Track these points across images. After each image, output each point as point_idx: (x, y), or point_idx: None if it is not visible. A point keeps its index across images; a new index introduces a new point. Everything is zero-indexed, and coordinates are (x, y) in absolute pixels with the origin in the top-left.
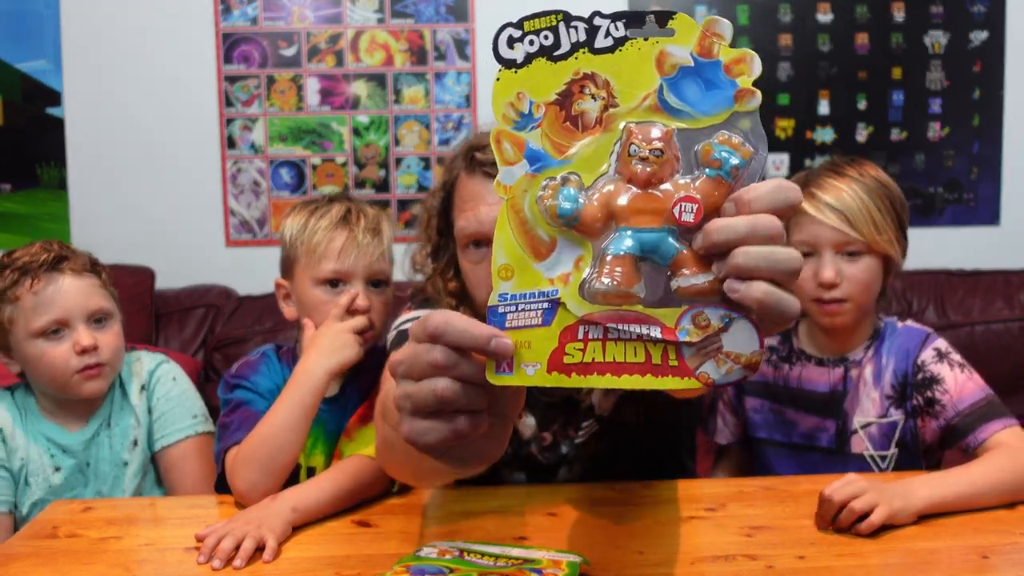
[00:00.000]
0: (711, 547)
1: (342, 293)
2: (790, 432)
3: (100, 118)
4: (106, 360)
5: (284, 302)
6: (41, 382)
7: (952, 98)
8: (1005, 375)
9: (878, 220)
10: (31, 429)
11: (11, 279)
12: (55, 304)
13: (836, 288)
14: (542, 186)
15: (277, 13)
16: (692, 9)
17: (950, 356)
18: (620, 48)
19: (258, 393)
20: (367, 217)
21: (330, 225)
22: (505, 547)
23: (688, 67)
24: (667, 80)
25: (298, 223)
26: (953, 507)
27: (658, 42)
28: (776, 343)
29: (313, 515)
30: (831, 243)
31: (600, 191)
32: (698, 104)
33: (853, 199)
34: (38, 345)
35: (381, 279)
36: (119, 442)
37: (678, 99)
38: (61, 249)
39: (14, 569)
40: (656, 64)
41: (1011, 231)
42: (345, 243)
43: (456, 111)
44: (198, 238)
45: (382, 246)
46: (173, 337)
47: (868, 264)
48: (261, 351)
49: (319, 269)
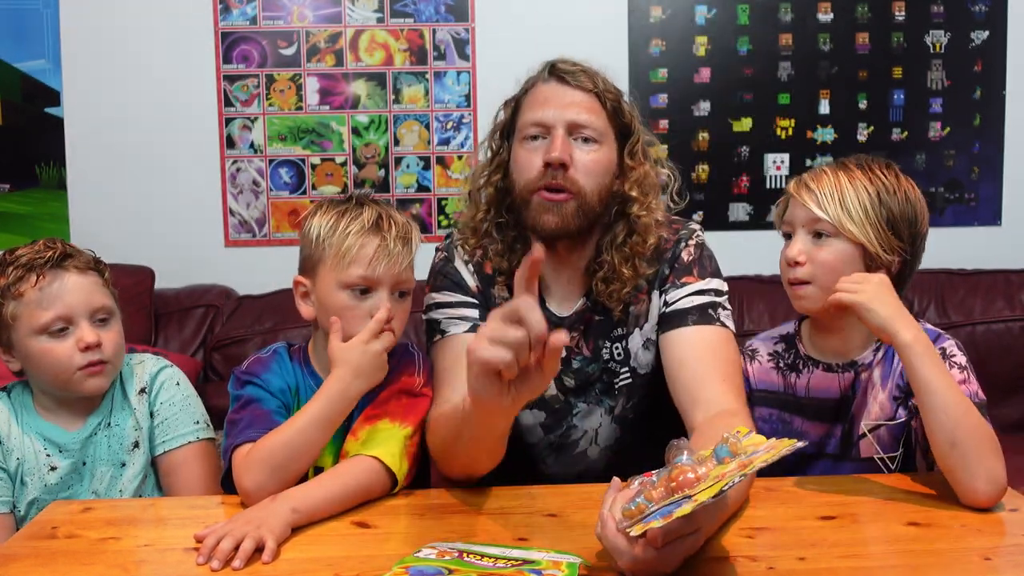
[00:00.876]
0: (712, 548)
1: (367, 299)
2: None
3: (99, 118)
4: (108, 358)
5: (302, 300)
6: (43, 379)
7: (953, 98)
8: (1005, 375)
9: (849, 204)
10: (27, 428)
11: (15, 275)
12: (60, 301)
13: (800, 267)
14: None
15: (276, 12)
16: (692, 9)
17: (953, 358)
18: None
19: (269, 391)
20: (397, 225)
21: (362, 230)
22: (504, 548)
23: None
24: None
25: (327, 223)
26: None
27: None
28: (781, 350)
29: (313, 516)
30: (802, 222)
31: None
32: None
33: (830, 183)
34: (41, 342)
35: (405, 289)
36: (118, 443)
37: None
38: (65, 247)
39: (13, 569)
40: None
41: (1012, 231)
42: (376, 250)
43: (456, 111)
44: (197, 238)
45: (411, 255)
46: (172, 337)
47: (837, 248)
48: (273, 349)
49: (347, 273)
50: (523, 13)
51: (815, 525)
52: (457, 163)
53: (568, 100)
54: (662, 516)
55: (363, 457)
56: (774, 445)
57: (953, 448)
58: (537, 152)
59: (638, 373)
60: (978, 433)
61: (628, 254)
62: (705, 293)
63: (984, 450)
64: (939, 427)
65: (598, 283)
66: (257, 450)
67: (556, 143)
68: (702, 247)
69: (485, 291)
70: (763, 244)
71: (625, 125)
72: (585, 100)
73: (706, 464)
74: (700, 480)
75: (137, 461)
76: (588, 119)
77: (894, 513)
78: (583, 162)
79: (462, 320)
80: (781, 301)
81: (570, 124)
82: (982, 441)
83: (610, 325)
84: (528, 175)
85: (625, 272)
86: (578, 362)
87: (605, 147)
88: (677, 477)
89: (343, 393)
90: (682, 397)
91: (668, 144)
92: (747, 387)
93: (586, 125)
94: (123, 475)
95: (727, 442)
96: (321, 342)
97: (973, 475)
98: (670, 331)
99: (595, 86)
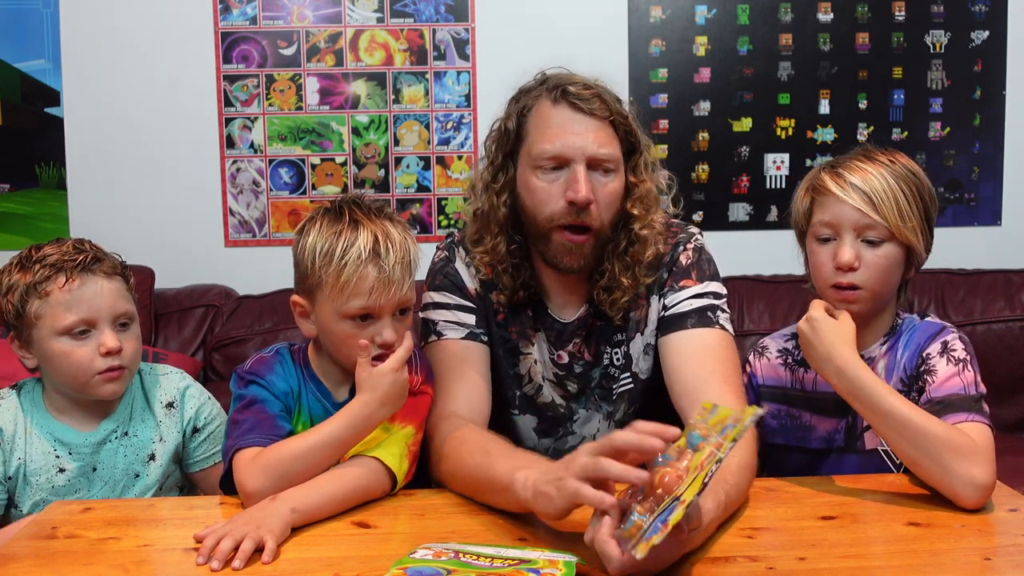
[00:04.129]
0: (712, 548)
1: (369, 326)
2: (807, 437)
3: (99, 118)
4: (127, 363)
5: (302, 320)
6: (60, 380)
7: (953, 98)
8: (1005, 375)
9: (903, 207)
10: (37, 427)
11: (43, 274)
12: (86, 304)
13: (853, 272)
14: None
15: (276, 12)
16: (692, 9)
17: (952, 352)
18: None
19: (272, 393)
20: (395, 247)
21: (359, 259)
22: (500, 548)
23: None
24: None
25: (322, 248)
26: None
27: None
28: (791, 347)
29: (313, 516)
30: (853, 225)
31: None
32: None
33: (880, 182)
34: (63, 343)
35: (406, 307)
36: (134, 453)
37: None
38: (96, 250)
39: (13, 569)
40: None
41: (1012, 231)
42: (376, 283)
43: (456, 110)
44: (197, 238)
45: (411, 278)
46: (172, 337)
47: (889, 252)
48: (275, 349)
49: (348, 306)
50: (523, 13)
51: (815, 525)
52: (457, 163)
53: (584, 130)
54: (661, 524)
55: (363, 457)
56: (738, 418)
57: (918, 466)
58: (556, 185)
59: (639, 378)
60: (940, 443)
61: (629, 263)
62: (704, 296)
63: (950, 458)
64: (897, 449)
65: (599, 291)
66: (266, 458)
67: (581, 184)
68: (700, 251)
69: (484, 296)
70: (763, 244)
71: (632, 144)
72: (602, 130)
73: (684, 456)
74: (682, 477)
75: (152, 473)
76: (608, 152)
77: (894, 513)
78: (603, 195)
79: (459, 325)
80: (781, 301)
81: (591, 159)
82: (946, 450)
83: (611, 330)
84: (549, 208)
85: (625, 281)
86: (580, 367)
87: (619, 174)
88: (661, 481)
89: (368, 419)
90: (682, 399)
91: (668, 144)
92: (754, 383)
93: (606, 159)
94: (135, 486)
95: (696, 428)
96: (323, 349)
97: (948, 484)
98: (669, 334)
99: (609, 112)
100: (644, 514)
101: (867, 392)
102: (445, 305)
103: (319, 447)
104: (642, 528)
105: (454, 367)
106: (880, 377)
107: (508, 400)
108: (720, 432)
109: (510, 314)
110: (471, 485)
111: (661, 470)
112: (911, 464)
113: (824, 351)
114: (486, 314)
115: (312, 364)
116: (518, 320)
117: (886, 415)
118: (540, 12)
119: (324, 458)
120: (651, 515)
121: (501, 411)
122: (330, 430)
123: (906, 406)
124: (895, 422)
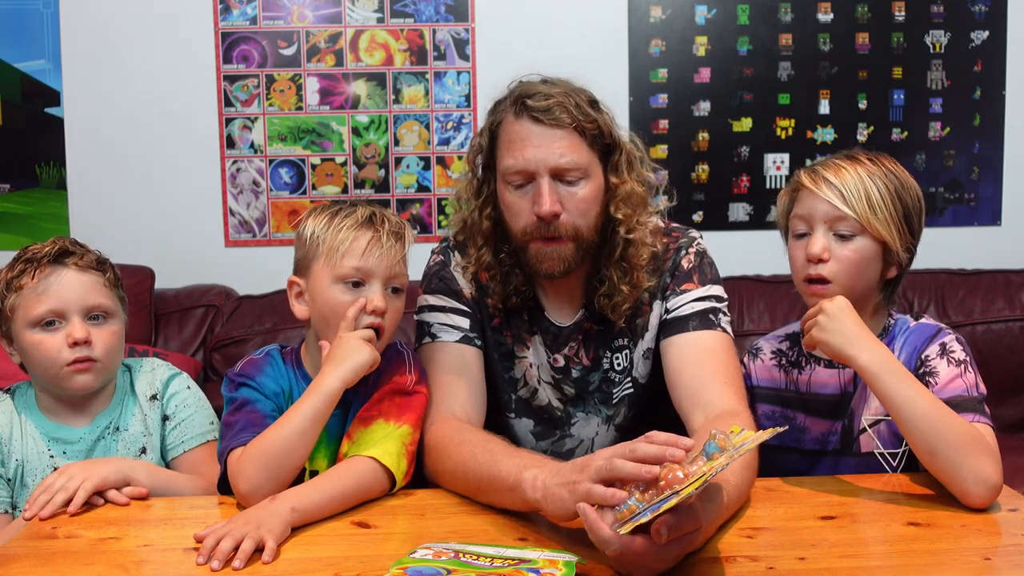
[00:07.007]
0: (712, 548)
1: (360, 292)
2: (802, 438)
3: (99, 118)
4: (98, 356)
5: (296, 300)
6: (36, 373)
7: (953, 98)
8: (1006, 375)
9: (875, 201)
10: (31, 428)
11: (19, 269)
12: (54, 294)
13: (823, 264)
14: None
15: (276, 12)
16: (692, 9)
17: (952, 354)
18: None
19: (263, 394)
20: (390, 222)
21: (355, 224)
22: (499, 548)
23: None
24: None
25: (320, 222)
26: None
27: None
28: (786, 348)
29: (312, 516)
30: (823, 217)
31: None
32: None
33: (852, 177)
34: (34, 334)
35: (399, 285)
36: (126, 448)
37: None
38: (68, 244)
39: (13, 569)
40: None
41: (1012, 231)
42: (369, 242)
43: (456, 111)
44: (197, 238)
45: (403, 251)
46: (172, 337)
47: (860, 246)
48: (265, 351)
49: (340, 266)
50: (523, 13)
51: (815, 525)
52: (457, 163)
53: (546, 142)
54: (651, 512)
55: (361, 457)
56: (759, 436)
57: (934, 456)
58: (525, 199)
59: (639, 383)
60: (959, 437)
61: (627, 268)
62: (705, 299)
63: (967, 452)
64: (915, 438)
65: (600, 299)
66: (249, 451)
67: (544, 197)
68: (702, 255)
69: (479, 300)
70: (763, 244)
71: (606, 145)
72: (564, 138)
73: (696, 462)
74: (688, 477)
75: None
76: (572, 160)
77: (894, 513)
78: (573, 203)
79: (453, 328)
80: (781, 301)
81: (553, 170)
82: (964, 444)
83: (610, 335)
84: (522, 221)
85: (625, 288)
86: (578, 371)
87: (592, 179)
88: (666, 476)
89: (324, 383)
90: (683, 401)
91: (668, 144)
92: (748, 384)
93: (571, 167)
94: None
95: (715, 438)
96: (313, 344)
97: (961, 479)
98: (671, 336)
99: (571, 119)
100: (641, 501)
101: (896, 374)
102: (440, 308)
103: (295, 426)
104: (634, 512)
105: (449, 370)
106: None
107: (504, 404)
108: (736, 447)
109: (506, 318)
110: (473, 484)
111: (671, 467)
112: (924, 454)
113: (852, 332)
114: (481, 318)
115: (304, 363)
116: (514, 323)
117: (911, 400)
118: (540, 12)
119: (304, 436)
120: (647, 504)
121: (496, 415)
122: (299, 407)
123: (929, 394)
124: (918, 409)
